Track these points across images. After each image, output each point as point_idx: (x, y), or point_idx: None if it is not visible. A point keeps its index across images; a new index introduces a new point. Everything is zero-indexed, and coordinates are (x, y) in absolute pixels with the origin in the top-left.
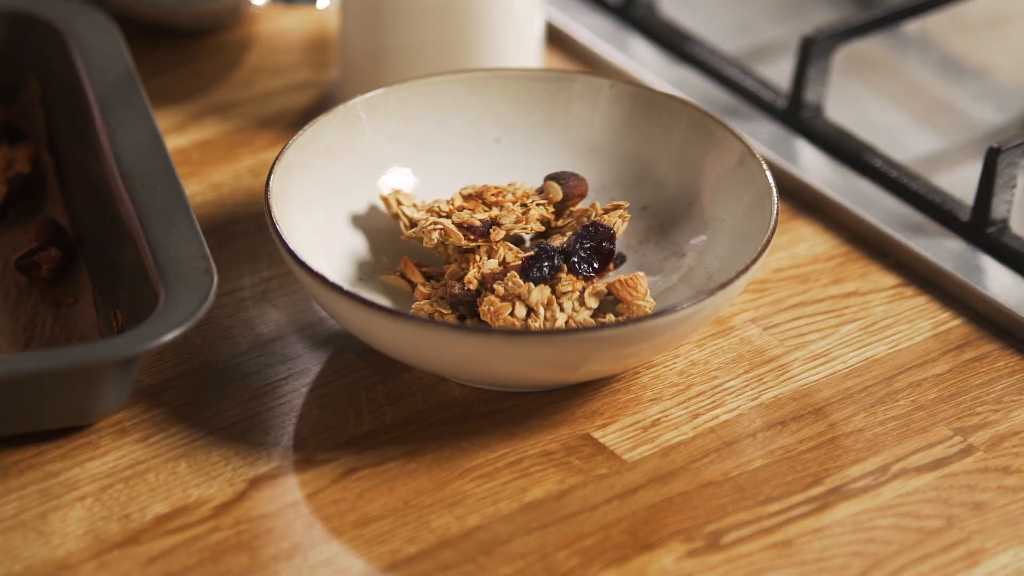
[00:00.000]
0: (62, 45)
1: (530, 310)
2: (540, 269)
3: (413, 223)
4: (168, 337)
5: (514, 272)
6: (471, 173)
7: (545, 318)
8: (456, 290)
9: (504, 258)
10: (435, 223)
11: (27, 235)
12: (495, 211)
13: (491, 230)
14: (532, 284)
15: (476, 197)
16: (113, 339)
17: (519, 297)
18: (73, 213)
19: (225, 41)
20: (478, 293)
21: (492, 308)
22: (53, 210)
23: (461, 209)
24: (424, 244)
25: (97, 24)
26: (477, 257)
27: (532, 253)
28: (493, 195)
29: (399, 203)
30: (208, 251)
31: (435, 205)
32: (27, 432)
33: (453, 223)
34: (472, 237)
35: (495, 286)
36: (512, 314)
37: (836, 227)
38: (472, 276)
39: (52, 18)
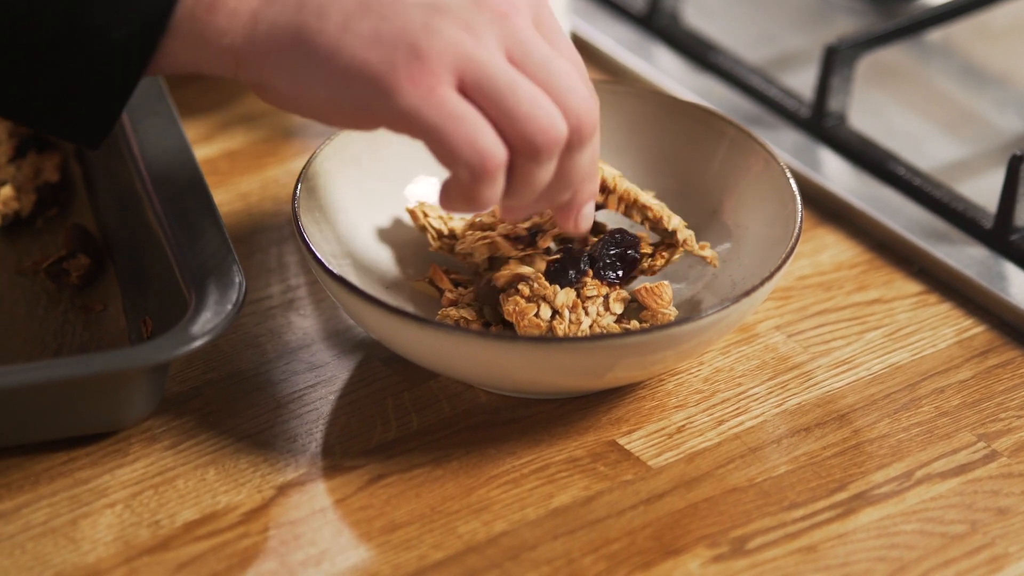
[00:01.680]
0: None
1: (555, 312)
2: (566, 272)
3: (440, 234)
4: (198, 343)
5: (540, 274)
6: None
7: (570, 321)
8: (483, 283)
9: (537, 268)
10: (483, 236)
11: (56, 243)
12: (537, 217)
13: (537, 237)
14: (558, 287)
15: None
16: (143, 346)
17: (544, 299)
18: (101, 220)
19: None
20: (503, 290)
21: (517, 308)
22: (81, 217)
23: (503, 220)
24: (475, 259)
25: None
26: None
27: (558, 256)
28: None
29: (425, 215)
30: (237, 258)
31: (476, 219)
32: (58, 439)
33: (499, 235)
34: (520, 247)
35: (520, 286)
36: (537, 315)
37: (860, 235)
38: (502, 275)
39: None
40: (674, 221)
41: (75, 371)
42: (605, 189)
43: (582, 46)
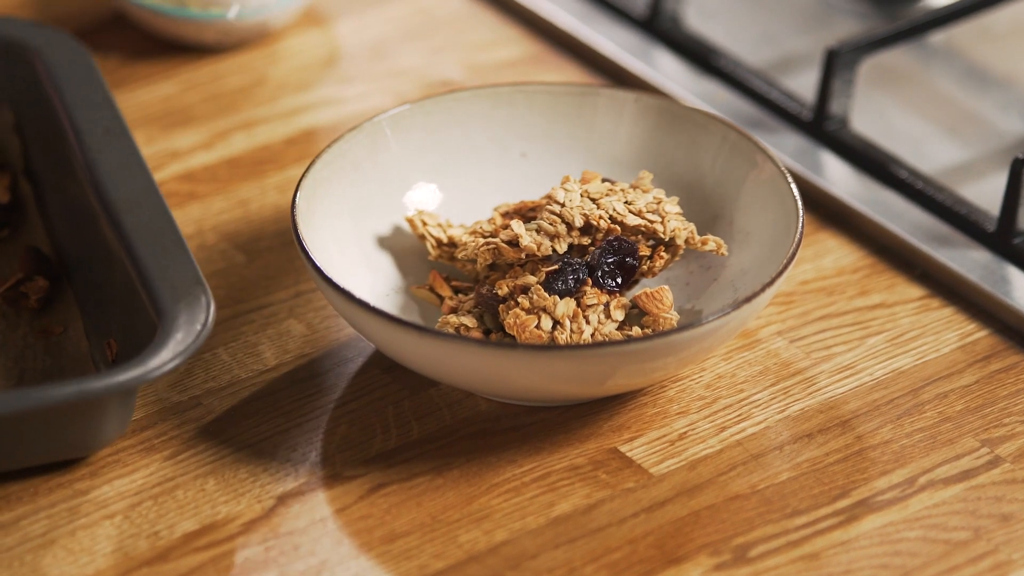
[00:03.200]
0: (33, 71)
1: (556, 323)
2: (565, 282)
3: (439, 243)
4: (172, 365)
5: (538, 286)
6: (497, 188)
7: (572, 331)
8: (484, 290)
9: (537, 278)
10: (487, 243)
11: (10, 265)
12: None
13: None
14: (558, 297)
15: (514, 213)
16: (117, 369)
17: (545, 310)
18: (56, 241)
19: (251, 58)
20: (503, 300)
21: (518, 320)
22: (34, 238)
23: (505, 227)
24: (478, 267)
25: (68, 49)
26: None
27: (556, 267)
28: (530, 210)
29: (424, 223)
30: (202, 275)
31: (477, 226)
32: (22, 467)
33: (502, 241)
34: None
35: (520, 299)
36: (538, 327)
37: (862, 239)
38: (505, 283)
39: (22, 44)
40: (670, 225)
41: (50, 399)
42: (591, 229)
43: (583, 49)
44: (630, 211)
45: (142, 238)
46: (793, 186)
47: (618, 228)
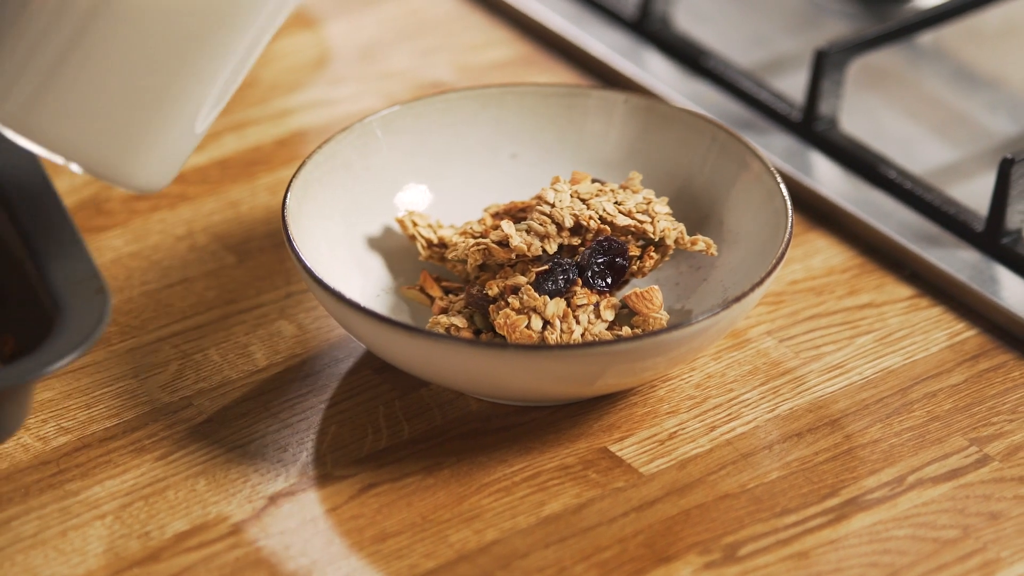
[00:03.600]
0: None
1: (546, 323)
2: (555, 282)
3: (430, 243)
4: (68, 359)
5: (528, 286)
6: (488, 189)
7: (562, 331)
8: (474, 290)
9: (527, 278)
10: (477, 243)
11: None
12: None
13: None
14: (548, 297)
15: (504, 214)
16: (14, 364)
17: (535, 310)
18: None
19: None
20: (493, 300)
21: (508, 320)
22: None
23: (495, 227)
24: (468, 267)
25: None
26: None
27: (546, 267)
28: (520, 211)
29: (415, 224)
30: (99, 269)
31: (467, 227)
32: None
33: (492, 241)
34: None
35: (510, 299)
36: (528, 327)
37: (851, 239)
38: (495, 283)
39: None
40: (660, 226)
41: None
42: (581, 229)
43: (573, 51)
44: (620, 211)
45: (34, 234)
46: (782, 186)
47: (608, 228)
